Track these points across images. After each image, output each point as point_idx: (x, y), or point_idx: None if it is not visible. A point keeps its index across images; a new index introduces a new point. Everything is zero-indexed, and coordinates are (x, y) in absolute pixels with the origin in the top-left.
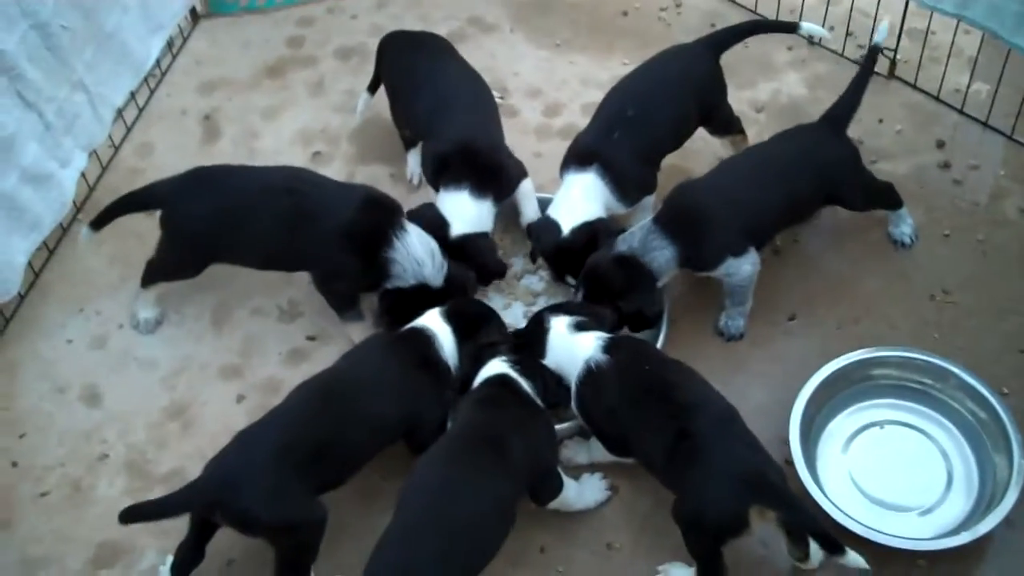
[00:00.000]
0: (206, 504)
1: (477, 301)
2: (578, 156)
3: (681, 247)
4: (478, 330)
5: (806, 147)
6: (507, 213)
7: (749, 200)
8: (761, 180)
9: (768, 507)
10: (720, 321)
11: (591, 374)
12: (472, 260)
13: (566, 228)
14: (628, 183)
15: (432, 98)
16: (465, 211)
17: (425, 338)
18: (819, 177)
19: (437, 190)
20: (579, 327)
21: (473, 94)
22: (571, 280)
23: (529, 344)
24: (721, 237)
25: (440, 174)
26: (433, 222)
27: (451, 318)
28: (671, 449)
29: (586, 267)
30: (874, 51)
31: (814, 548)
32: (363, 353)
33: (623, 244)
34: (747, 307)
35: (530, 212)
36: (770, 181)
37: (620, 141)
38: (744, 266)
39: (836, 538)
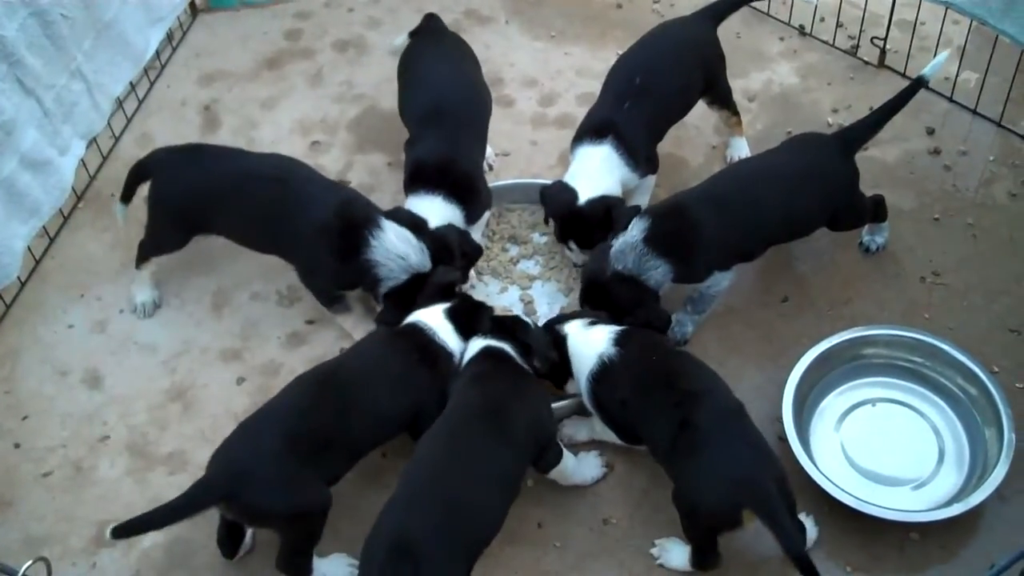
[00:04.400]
0: (216, 500)
1: (467, 296)
2: (593, 129)
3: (673, 264)
4: (476, 318)
5: (815, 163)
6: (500, 200)
7: (746, 217)
8: (761, 195)
9: (756, 515)
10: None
11: (604, 368)
12: (449, 249)
13: (583, 197)
14: (640, 154)
15: (426, 102)
16: (438, 212)
17: (423, 333)
18: (823, 197)
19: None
20: (592, 324)
21: (467, 106)
22: (572, 246)
23: (555, 366)
24: (712, 255)
25: (415, 180)
26: (411, 221)
27: (452, 316)
28: (674, 437)
29: (586, 283)
30: (919, 82)
31: (808, 524)
32: (364, 347)
33: (618, 263)
34: (703, 317)
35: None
36: (771, 197)
37: (631, 111)
38: (724, 281)
39: (814, 566)
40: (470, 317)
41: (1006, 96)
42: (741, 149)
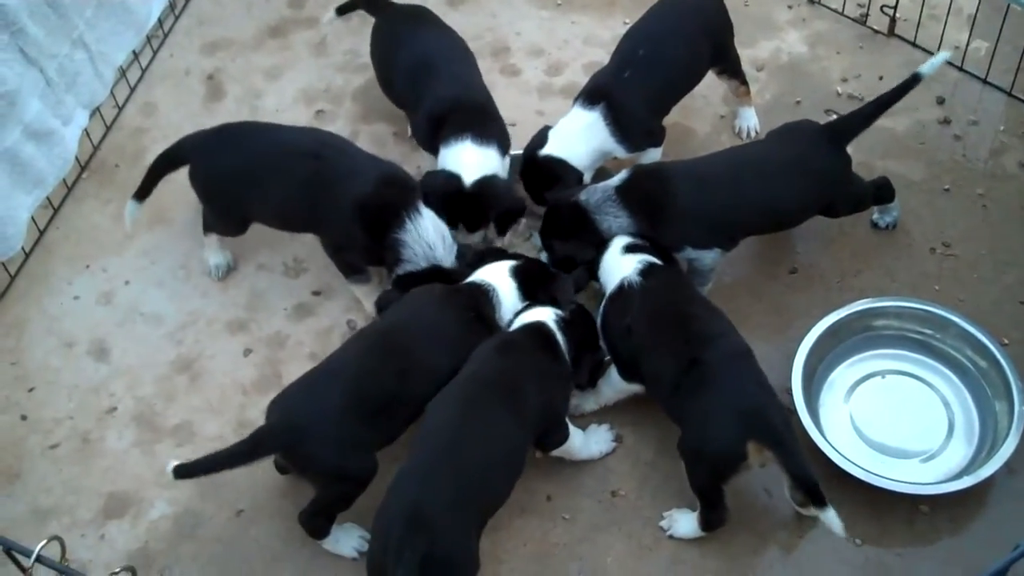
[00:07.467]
0: (276, 451)
1: (544, 263)
2: (588, 93)
3: (637, 223)
4: (545, 286)
5: (801, 155)
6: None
7: (724, 200)
8: (744, 182)
9: (763, 444)
10: None
11: (621, 292)
12: (490, 204)
13: (547, 150)
14: (633, 128)
15: (414, 62)
16: (472, 159)
17: (482, 292)
18: (808, 189)
19: (435, 152)
20: (630, 249)
21: (457, 55)
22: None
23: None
24: (681, 228)
25: (437, 132)
26: (443, 180)
27: (517, 274)
28: (680, 376)
29: (548, 204)
30: (916, 78)
31: None
32: (420, 305)
33: (584, 194)
34: (706, 288)
35: None
36: (753, 185)
37: (631, 82)
38: (705, 258)
39: (821, 490)
40: (539, 281)
41: (1017, 66)
42: (749, 119)
